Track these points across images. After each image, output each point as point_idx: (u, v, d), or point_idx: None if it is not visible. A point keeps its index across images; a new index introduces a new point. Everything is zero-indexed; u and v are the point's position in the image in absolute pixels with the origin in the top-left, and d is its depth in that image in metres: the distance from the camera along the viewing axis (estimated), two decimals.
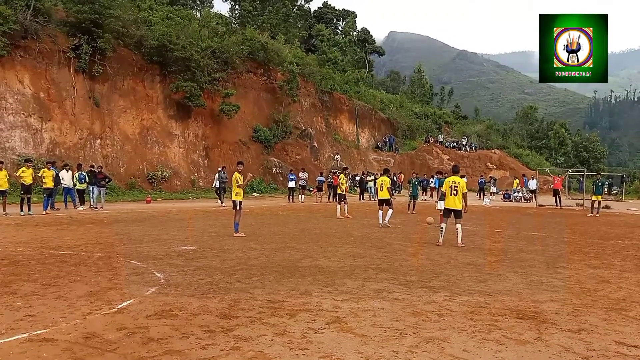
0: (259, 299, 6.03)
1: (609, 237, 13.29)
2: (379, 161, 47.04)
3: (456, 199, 11.07)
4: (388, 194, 14.84)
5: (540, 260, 9.43)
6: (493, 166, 49.96)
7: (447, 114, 66.16)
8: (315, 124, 43.34)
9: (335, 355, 4.21)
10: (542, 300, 6.29)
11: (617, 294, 6.75)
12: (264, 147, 36.74)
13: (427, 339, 4.69)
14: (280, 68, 39.64)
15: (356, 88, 51.14)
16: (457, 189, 11.07)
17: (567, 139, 64.96)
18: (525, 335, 4.87)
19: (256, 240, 11.60)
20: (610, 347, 4.58)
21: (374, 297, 6.29)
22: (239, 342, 4.51)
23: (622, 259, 9.69)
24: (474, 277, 7.65)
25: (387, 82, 79.03)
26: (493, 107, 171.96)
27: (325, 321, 5.18)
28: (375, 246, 10.87)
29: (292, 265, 8.42)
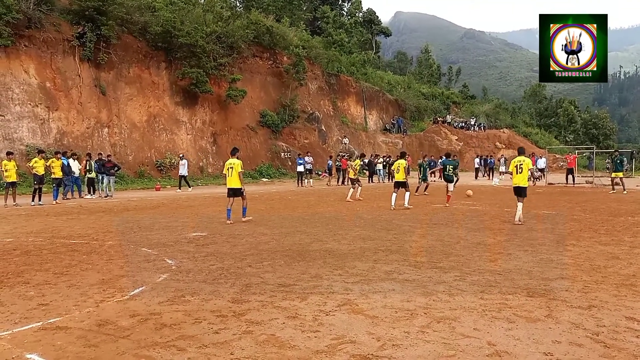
0: (270, 283, 6.08)
1: (618, 214, 13.19)
2: (388, 143, 46.84)
3: (522, 176, 11.46)
4: (404, 177, 14.94)
5: (550, 238, 9.40)
6: (502, 145, 49.59)
7: (455, 94, 65.53)
8: (323, 107, 43.14)
9: (347, 337, 4.24)
10: (552, 278, 6.28)
11: (627, 270, 6.73)
12: (271, 131, 36.70)
13: (438, 319, 4.71)
14: (286, 51, 39.36)
15: (363, 70, 50.69)
16: (522, 167, 11.46)
17: (576, 117, 64.19)
18: (535, 313, 4.88)
19: (266, 225, 11.66)
20: (620, 322, 4.58)
21: (385, 278, 6.31)
22: (251, 326, 4.55)
23: (632, 235, 9.63)
24: (484, 257, 7.65)
25: (394, 63, 78.30)
26: (501, 85, 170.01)
27: (336, 303, 5.21)
28: (385, 228, 10.87)
29: (302, 249, 8.45)
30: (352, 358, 3.82)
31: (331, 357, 3.85)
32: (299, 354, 3.90)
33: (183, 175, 24.43)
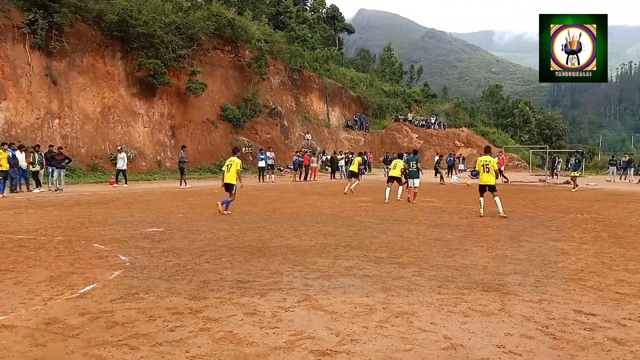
0: (228, 280, 5.99)
1: (569, 211, 13.71)
2: (350, 140, 47.11)
3: (489, 175, 12.32)
4: (400, 173, 15.52)
5: (505, 234, 9.66)
6: (461, 144, 50.72)
7: (416, 93, 66.50)
8: (285, 103, 42.94)
9: (306, 333, 4.23)
10: (506, 273, 6.45)
11: (575, 265, 6.98)
12: (232, 126, 36.21)
13: (396, 314, 4.76)
14: (248, 45, 38.87)
15: (326, 66, 50.73)
16: (489, 167, 12.29)
17: (531, 117, 66.38)
18: (489, 307, 4.99)
19: (225, 220, 11.50)
20: (569, 315, 4.74)
21: (345, 274, 6.32)
22: (208, 323, 4.47)
23: (581, 232, 10.02)
24: (441, 253, 7.78)
25: (357, 60, 78.69)
26: (461, 85, 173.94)
27: (295, 299, 5.19)
28: (346, 224, 10.92)
29: (262, 245, 8.38)
30: (310, 354, 3.80)
31: (289, 353, 3.82)
32: (257, 351, 3.85)
33: (121, 170, 23.37)
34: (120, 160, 23.36)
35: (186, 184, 22.90)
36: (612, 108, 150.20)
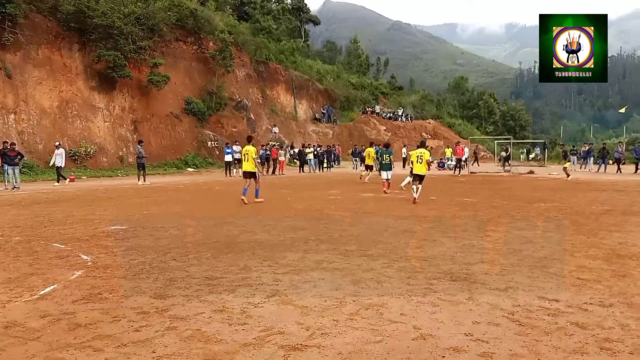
0: (196, 277, 5.88)
1: (533, 201, 14.05)
2: (318, 133, 47.09)
3: (422, 166, 13.58)
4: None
5: (472, 224, 9.82)
6: (428, 136, 51.30)
7: (383, 85, 66.97)
8: (251, 95, 42.53)
9: (276, 328, 4.19)
10: (473, 262, 6.54)
11: (539, 252, 7.14)
12: (197, 119, 35.64)
13: (366, 306, 4.77)
14: (211, 36, 38.25)
15: (292, 58, 50.46)
16: (422, 158, 13.59)
17: (496, 109, 67.84)
18: (458, 296, 5.05)
19: (192, 216, 11.30)
20: (533, 302, 4.84)
21: (315, 268, 6.30)
22: (175, 321, 4.38)
23: (544, 220, 10.27)
24: (410, 244, 7.85)
25: (323, 52, 78.51)
26: (427, 77, 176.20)
27: (265, 295, 5.14)
28: (316, 218, 10.89)
29: (230, 240, 8.26)
30: (280, 349, 3.77)
31: (259, 349, 3.79)
32: (226, 348, 3.80)
33: (58, 167, 21.87)
34: (58, 157, 21.90)
35: (145, 181, 21.95)
36: (573, 99, 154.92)
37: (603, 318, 4.40)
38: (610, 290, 5.25)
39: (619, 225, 9.57)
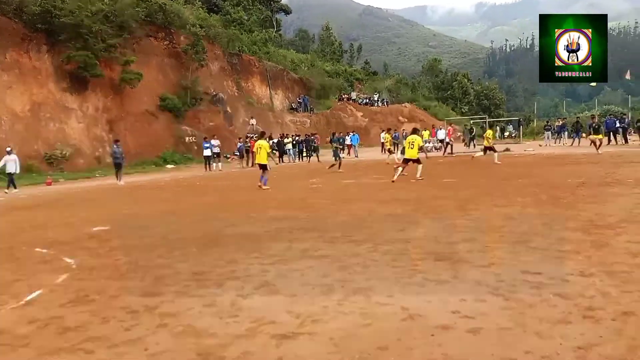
0: (183, 273, 5.86)
1: (510, 178, 14.29)
2: (296, 122, 46.93)
3: (413, 151, 14.92)
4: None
5: (453, 205, 9.94)
6: (405, 119, 51.57)
7: (357, 71, 66.95)
8: (227, 89, 42.12)
9: (267, 318, 4.22)
10: (456, 241, 6.66)
11: (520, 228, 7.29)
12: (173, 116, 35.20)
13: (354, 291, 4.82)
14: (182, 31, 37.67)
15: (265, 49, 50.04)
16: (414, 144, 14.93)
17: (470, 89, 68.42)
18: (443, 275, 5.15)
19: (175, 213, 11.23)
20: (517, 276, 4.95)
21: (301, 256, 6.33)
22: (166, 318, 4.37)
23: (523, 196, 10.44)
24: (394, 227, 7.92)
25: (296, 41, 78.11)
26: (401, 61, 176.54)
27: (254, 286, 5.16)
28: (299, 207, 10.92)
29: (215, 235, 8.25)
30: (272, 338, 3.81)
31: (251, 340, 3.81)
32: (219, 341, 3.82)
33: (10, 173, 19.72)
34: (10, 163, 19.70)
35: (119, 180, 21.10)
36: None
37: (584, 287, 4.53)
38: (590, 260, 5.40)
39: (595, 196, 9.81)
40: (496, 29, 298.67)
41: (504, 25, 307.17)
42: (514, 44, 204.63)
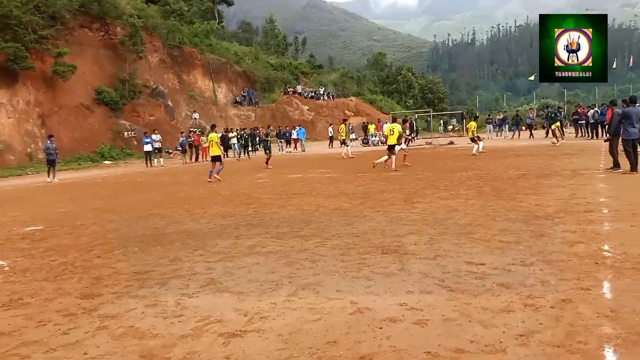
0: (124, 273, 5.66)
1: (454, 170, 14.72)
2: (240, 116, 46.31)
3: (393, 137, 15.95)
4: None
5: (399, 197, 10.11)
6: (351, 113, 52.09)
7: (303, 65, 66.82)
8: (167, 81, 40.85)
9: (213, 317, 4.14)
10: (402, 234, 6.76)
11: (464, 220, 7.51)
12: (110, 109, 33.79)
13: (302, 286, 4.80)
14: (119, 22, 36.16)
15: (207, 41, 48.90)
16: (394, 130, 16.02)
17: (414, 82, 69.85)
18: (390, 268, 5.21)
19: (114, 211, 10.78)
20: (462, 267, 5.09)
21: (248, 253, 6.24)
22: (106, 320, 4.21)
23: (467, 189, 10.77)
24: (341, 221, 7.95)
25: (239, 33, 76.95)
26: (346, 55, 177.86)
27: (199, 285, 5.05)
28: (245, 203, 10.76)
29: (157, 232, 7.99)
30: (219, 337, 3.73)
31: (197, 339, 3.72)
32: (163, 342, 3.70)
33: None
34: None
35: (54, 177, 20.09)
36: (485, 69, 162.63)
37: (525, 277, 4.70)
38: (530, 250, 5.61)
39: (534, 188, 10.25)
40: (439, 24, 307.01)
41: (446, 19, 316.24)
42: (456, 39, 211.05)
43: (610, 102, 15.96)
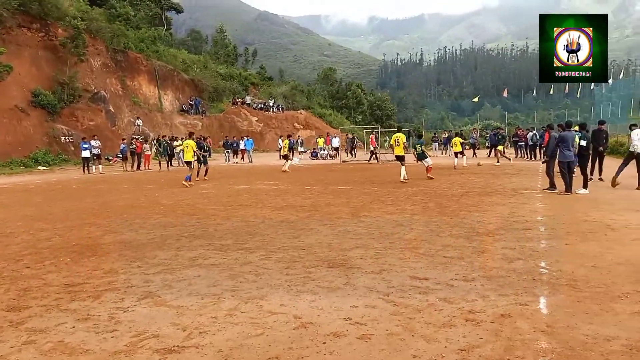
0: (54, 285, 5.34)
1: (401, 186, 14.96)
2: (186, 125, 45.33)
3: (399, 148, 16.13)
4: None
5: (346, 211, 10.14)
6: (300, 126, 52.23)
7: (252, 76, 66.49)
8: (110, 86, 39.44)
9: (149, 332, 3.96)
10: (349, 248, 6.75)
11: (409, 235, 7.61)
12: (47, 113, 32.16)
13: (245, 300, 4.69)
14: (61, 23, 34.67)
15: (154, 47, 47.71)
16: (399, 141, 16.17)
17: (363, 99, 71.02)
18: (335, 282, 5.17)
19: (46, 219, 10.19)
20: (406, 282, 5.12)
21: (189, 265, 6.03)
22: (34, 334, 3.96)
23: (412, 204, 10.96)
24: (287, 234, 7.86)
25: (188, 41, 75.70)
26: (296, 68, 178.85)
27: (135, 298, 4.82)
28: (188, 213, 10.45)
29: (92, 243, 7.60)
30: (155, 353, 3.57)
31: (131, 356, 3.54)
32: (94, 358, 3.52)
33: None
34: None
35: None
36: (432, 89, 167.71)
37: (467, 292, 4.78)
38: (472, 265, 5.74)
39: (476, 205, 10.57)
40: (388, 43, 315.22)
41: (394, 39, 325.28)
42: (405, 58, 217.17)
43: (547, 125, 16.81)
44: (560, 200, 11.34)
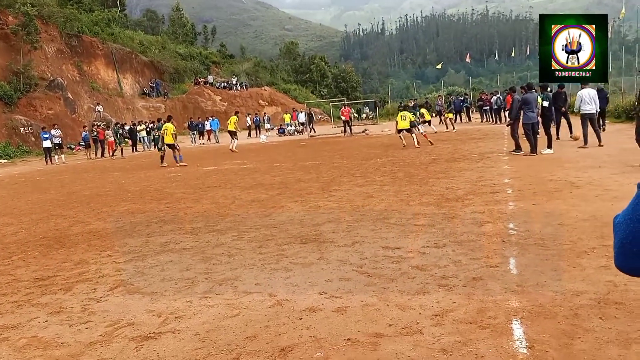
0: (23, 280, 5.24)
1: (369, 157, 15.04)
2: (149, 108, 44.27)
3: (405, 122, 16.80)
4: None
5: (316, 186, 10.16)
6: (265, 103, 51.59)
7: (213, 54, 64.96)
8: (66, 73, 38.02)
9: (124, 321, 3.93)
10: (321, 222, 6.79)
11: (379, 205, 7.69)
12: (4, 104, 30.93)
13: (219, 282, 4.68)
14: (11, 10, 33.14)
15: (109, 30, 46.01)
16: (406, 117, 16.88)
17: (327, 72, 70.30)
18: (309, 258, 5.21)
19: (11, 213, 9.91)
20: (379, 252, 5.19)
21: (160, 251, 5.98)
22: (6, 331, 3.91)
23: (381, 175, 11.04)
24: (259, 213, 7.84)
25: (144, 22, 73.16)
26: (258, 44, 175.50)
27: (108, 287, 4.77)
28: (156, 199, 10.30)
29: (60, 234, 7.43)
30: (131, 341, 3.55)
31: (107, 345, 3.52)
32: (69, 351, 3.47)
33: None
34: None
35: None
36: (396, 58, 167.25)
37: (439, 258, 4.88)
38: (443, 232, 5.84)
39: (444, 172, 10.71)
40: (349, 14, 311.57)
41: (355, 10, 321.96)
42: (367, 29, 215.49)
43: (509, 88, 17.04)
44: (526, 161, 11.59)
